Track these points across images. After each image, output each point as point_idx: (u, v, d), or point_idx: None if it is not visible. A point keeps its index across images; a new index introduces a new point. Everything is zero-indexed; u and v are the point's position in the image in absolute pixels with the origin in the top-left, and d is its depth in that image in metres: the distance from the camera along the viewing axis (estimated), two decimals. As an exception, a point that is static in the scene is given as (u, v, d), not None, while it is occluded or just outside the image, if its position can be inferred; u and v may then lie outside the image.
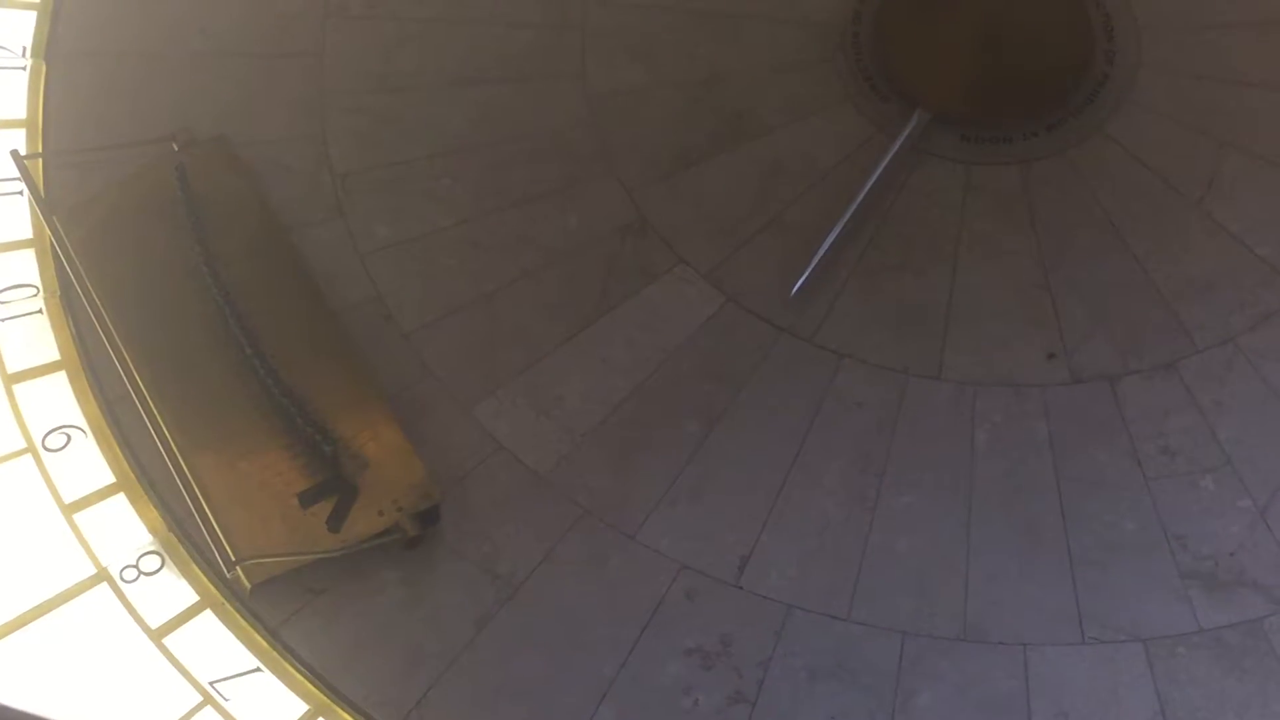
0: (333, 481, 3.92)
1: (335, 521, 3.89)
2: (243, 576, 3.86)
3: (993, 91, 4.58)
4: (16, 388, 4.13)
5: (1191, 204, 4.44)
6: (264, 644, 3.89)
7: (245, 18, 4.63)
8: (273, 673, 3.86)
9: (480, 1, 4.69)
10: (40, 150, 4.43)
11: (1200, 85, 4.60)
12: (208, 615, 3.91)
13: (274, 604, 3.92)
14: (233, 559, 3.84)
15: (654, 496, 4.07)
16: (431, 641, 3.91)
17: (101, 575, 3.93)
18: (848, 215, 4.37)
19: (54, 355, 4.18)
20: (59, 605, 3.90)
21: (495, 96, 4.57)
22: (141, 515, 4.01)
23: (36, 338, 4.20)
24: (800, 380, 4.23)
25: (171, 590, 3.93)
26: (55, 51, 4.56)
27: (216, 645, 3.88)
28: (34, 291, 4.26)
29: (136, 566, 3.95)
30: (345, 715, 3.83)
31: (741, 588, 3.98)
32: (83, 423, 4.10)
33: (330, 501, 3.91)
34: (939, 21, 4.64)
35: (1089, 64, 4.61)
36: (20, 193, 4.35)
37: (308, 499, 3.91)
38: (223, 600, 3.93)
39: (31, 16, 4.59)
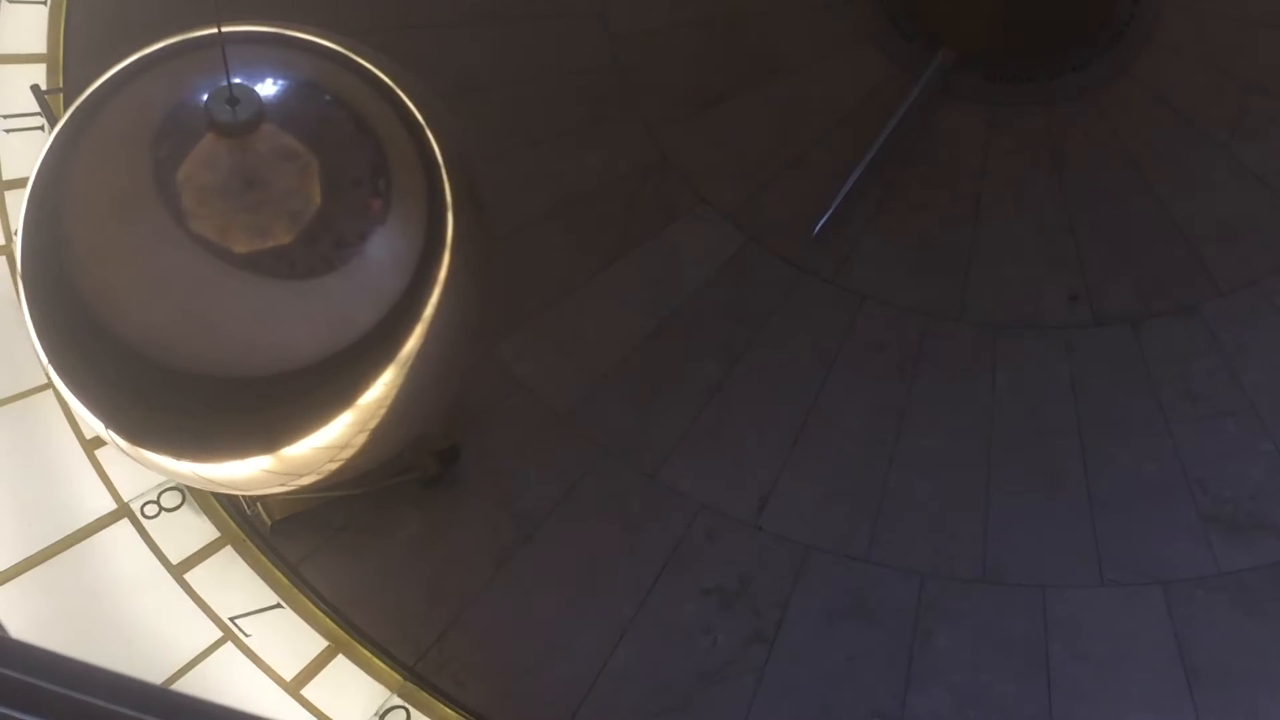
0: (353, 419, 3.92)
1: (355, 459, 3.90)
2: (263, 513, 3.87)
3: (1017, 31, 4.56)
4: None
5: (1217, 146, 4.41)
6: (284, 580, 3.90)
7: (266, -46, 4.61)
8: (293, 609, 3.87)
9: (502, -61, 4.66)
10: (61, 85, 4.41)
11: (1228, 26, 4.56)
12: (228, 551, 3.92)
13: (294, 541, 3.92)
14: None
15: (674, 436, 4.07)
16: (451, 580, 3.92)
17: (123, 511, 3.94)
18: (870, 156, 4.35)
19: (75, 291, 4.18)
20: (80, 541, 3.91)
21: (516, 34, 4.55)
22: (162, 451, 4.02)
23: (57, 274, 4.20)
24: (821, 321, 4.21)
25: (192, 526, 3.94)
26: (76, -15, 4.55)
27: (237, 581, 3.89)
28: (54, 228, 4.26)
29: (158, 502, 3.95)
30: (365, 652, 3.84)
31: (761, 528, 3.98)
32: (103, 359, 4.10)
33: (350, 439, 3.91)
34: (964, -40, 4.62)
35: (1115, 3, 4.57)
36: (42, 128, 4.34)
37: (328, 436, 3.91)
38: (243, 537, 3.94)
39: (52, -50, 4.59)
